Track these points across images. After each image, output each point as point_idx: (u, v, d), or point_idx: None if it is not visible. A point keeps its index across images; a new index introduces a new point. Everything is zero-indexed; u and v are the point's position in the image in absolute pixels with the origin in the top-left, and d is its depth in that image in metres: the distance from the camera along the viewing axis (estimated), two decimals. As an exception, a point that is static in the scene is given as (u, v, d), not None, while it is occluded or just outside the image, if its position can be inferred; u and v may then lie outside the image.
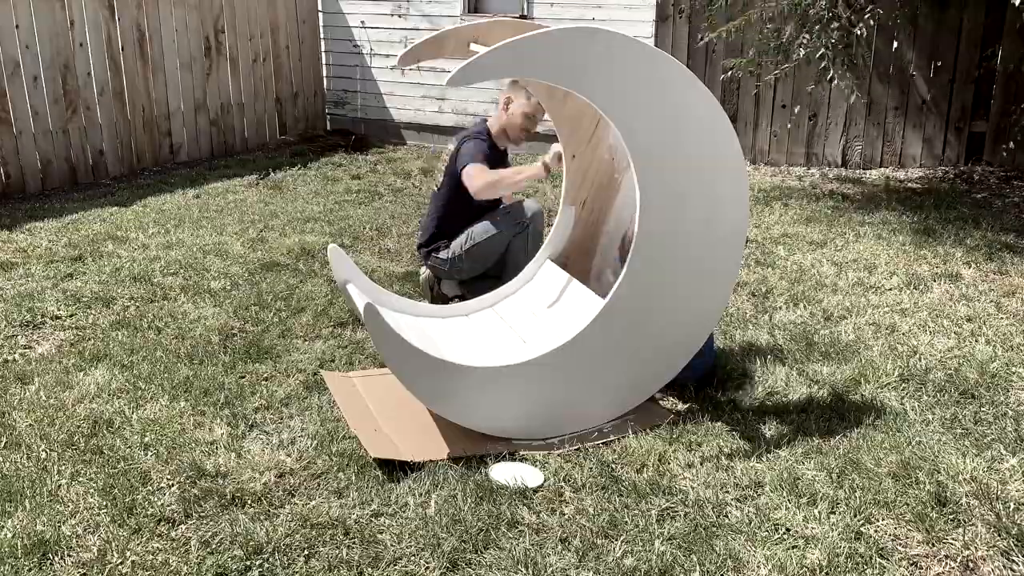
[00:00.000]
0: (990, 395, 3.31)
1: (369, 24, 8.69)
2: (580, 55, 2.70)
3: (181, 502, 2.63)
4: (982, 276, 4.60)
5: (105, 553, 2.40)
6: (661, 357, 3.15)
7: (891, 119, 7.15)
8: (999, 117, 6.82)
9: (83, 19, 6.73)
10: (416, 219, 5.84)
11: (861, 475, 2.75)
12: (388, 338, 2.84)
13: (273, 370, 3.54)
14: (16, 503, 2.62)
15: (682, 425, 3.07)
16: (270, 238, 5.36)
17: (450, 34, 3.35)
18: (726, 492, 2.71)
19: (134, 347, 3.74)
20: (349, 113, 9.09)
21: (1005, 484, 2.70)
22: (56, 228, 5.52)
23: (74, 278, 4.61)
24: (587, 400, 3.08)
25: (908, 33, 6.87)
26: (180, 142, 7.69)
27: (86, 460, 2.86)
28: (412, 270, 4.79)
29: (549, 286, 3.63)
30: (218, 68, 7.94)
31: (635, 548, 2.44)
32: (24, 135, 6.42)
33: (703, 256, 3.03)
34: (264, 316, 4.08)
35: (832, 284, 4.53)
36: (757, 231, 5.47)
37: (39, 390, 3.35)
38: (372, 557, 2.41)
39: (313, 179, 7.11)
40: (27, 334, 3.93)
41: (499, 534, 2.50)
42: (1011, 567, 2.36)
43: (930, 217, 5.68)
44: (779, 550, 2.42)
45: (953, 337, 3.85)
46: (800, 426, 3.08)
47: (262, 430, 3.10)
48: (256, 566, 2.36)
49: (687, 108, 2.87)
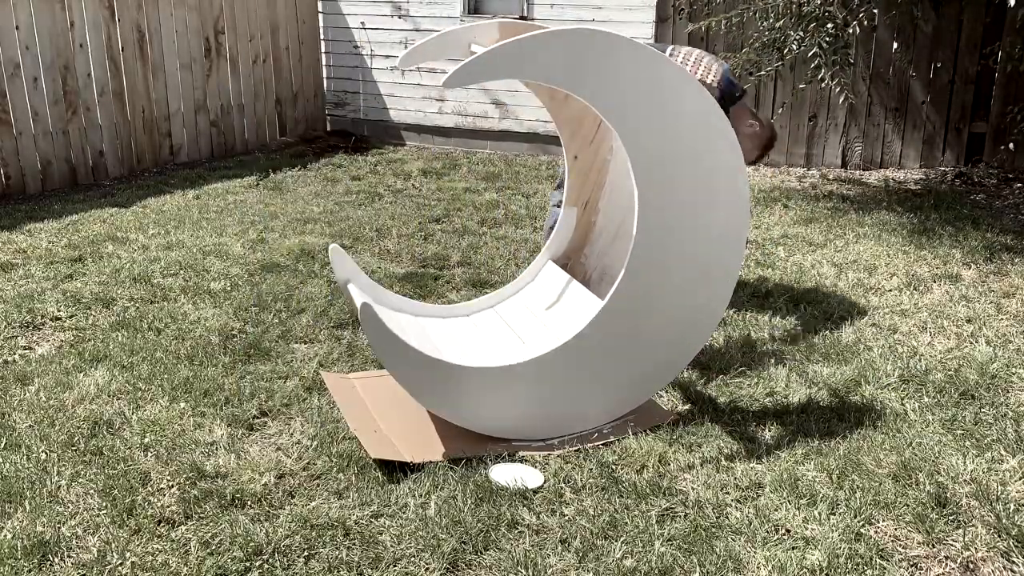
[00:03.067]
0: (990, 396, 3.31)
1: (369, 25, 8.69)
2: (579, 56, 2.70)
3: (181, 503, 2.63)
4: (982, 277, 4.60)
5: (105, 554, 2.40)
6: (661, 358, 3.15)
7: (891, 120, 7.15)
8: (999, 118, 6.82)
9: (83, 20, 6.73)
10: (416, 220, 5.84)
11: (861, 476, 2.75)
12: (384, 338, 2.84)
13: (273, 371, 3.54)
14: (16, 504, 2.62)
15: (682, 426, 3.07)
16: (270, 239, 5.36)
17: (450, 35, 3.35)
18: (726, 493, 2.71)
19: (134, 348, 3.74)
20: (349, 114, 9.09)
21: (1005, 485, 2.71)
22: (56, 229, 5.52)
23: (74, 279, 4.61)
24: (587, 401, 3.08)
25: (907, 33, 6.87)
26: (180, 143, 7.69)
27: (86, 461, 2.86)
28: (412, 271, 4.79)
29: (550, 287, 3.63)
30: (218, 69, 7.94)
31: (635, 549, 2.44)
32: (24, 136, 6.42)
33: (703, 257, 3.03)
34: (264, 317, 4.08)
35: (832, 285, 4.53)
36: (757, 232, 5.47)
37: (39, 391, 3.35)
38: (372, 558, 2.41)
39: (313, 180, 7.11)
40: (27, 335, 3.93)
41: (499, 535, 2.50)
42: (1011, 568, 2.36)
43: (930, 218, 5.69)
44: (779, 551, 2.42)
45: (953, 338, 3.85)
46: (800, 427, 3.08)
47: (262, 431, 3.10)
48: (256, 567, 2.36)
49: (686, 109, 2.87)
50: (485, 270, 4.82)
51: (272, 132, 8.62)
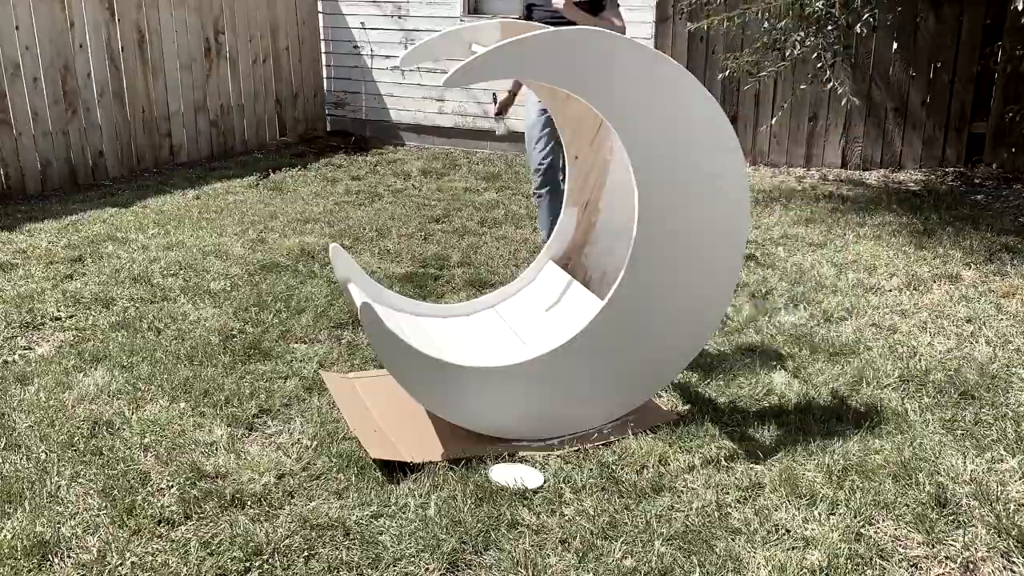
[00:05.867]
0: (990, 396, 3.31)
1: (369, 25, 8.69)
2: (579, 56, 2.70)
3: (181, 503, 2.63)
4: (982, 277, 4.60)
5: (105, 554, 2.40)
6: (661, 358, 3.15)
7: (891, 120, 7.15)
8: (999, 118, 6.82)
9: (83, 20, 6.72)
10: (416, 219, 5.84)
11: (861, 476, 2.75)
12: (384, 338, 2.84)
13: (273, 371, 3.54)
14: (16, 504, 2.62)
15: (682, 426, 3.07)
16: (270, 239, 5.36)
17: (451, 35, 3.35)
18: (726, 493, 2.71)
19: (134, 348, 3.74)
20: (349, 114, 9.09)
21: (1005, 485, 2.70)
22: (56, 229, 5.52)
23: (74, 279, 4.61)
24: (587, 401, 3.07)
25: (907, 33, 6.87)
26: (180, 143, 7.68)
27: (86, 461, 2.86)
28: (412, 271, 4.79)
29: (551, 287, 3.63)
30: (218, 69, 7.94)
31: (635, 549, 2.44)
32: (24, 136, 6.41)
33: (703, 257, 3.03)
34: (264, 317, 4.08)
35: (832, 285, 4.53)
36: (757, 232, 5.47)
37: (39, 391, 3.35)
38: (372, 558, 2.41)
39: (313, 180, 7.11)
40: (27, 335, 3.93)
41: (499, 535, 2.50)
42: (1011, 568, 2.36)
43: (930, 218, 5.68)
44: (779, 551, 2.42)
45: (953, 338, 3.85)
46: (800, 427, 3.08)
47: (262, 431, 3.10)
48: (256, 567, 2.36)
49: (686, 109, 2.87)
50: (485, 270, 4.82)
51: (272, 132, 8.61)
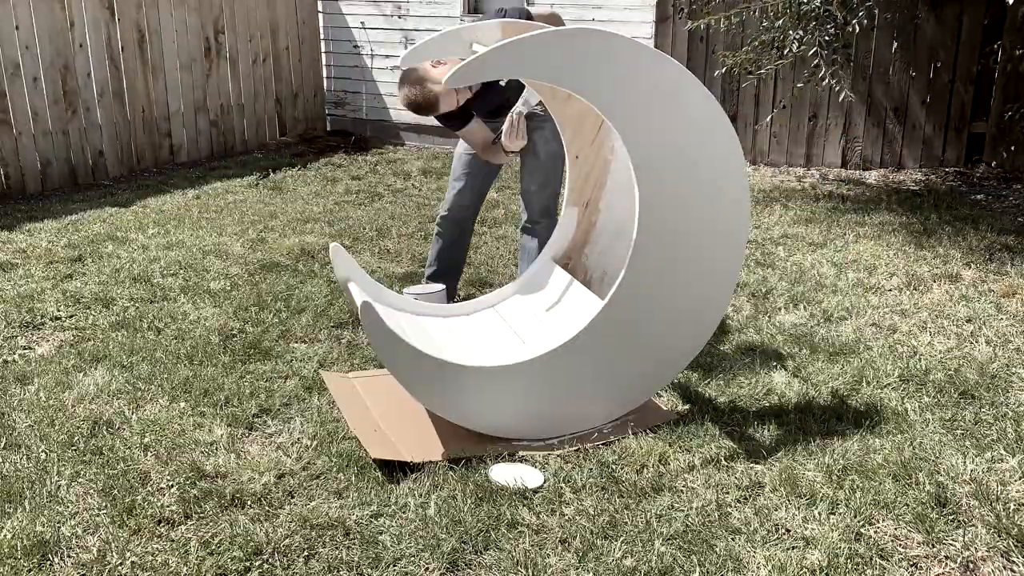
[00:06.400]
0: (990, 396, 3.31)
1: (369, 25, 8.69)
2: (579, 56, 2.70)
3: (181, 503, 2.63)
4: (982, 277, 4.60)
5: (105, 554, 2.40)
6: (661, 358, 3.15)
7: (891, 120, 7.15)
8: (999, 118, 6.82)
9: (83, 20, 6.73)
10: (416, 219, 5.84)
11: (861, 476, 2.74)
12: (384, 337, 2.84)
13: (273, 371, 3.54)
14: (16, 504, 2.62)
15: (682, 426, 3.07)
16: (270, 239, 5.36)
17: (452, 35, 3.34)
18: (726, 493, 2.71)
19: (134, 348, 3.74)
20: (349, 114, 9.09)
21: (1005, 485, 2.70)
22: (56, 229, 5.52)
23: (74, 279, 4.61)
24: (587, 401, 3.07)
25: (907, 33, 6.87)
26: (180, 143, 7.68)
27: (86, 461, 2.86)
28: (412, 270, 4.79)
29: (551, 287, 3.63)
30: (218, 69, 7.94)
31: (635, 549, 2.44)
32: (24, 136, 6.42)
33: (703, 257, 3.03)
34: (264, 317, 4.08)
35: (832, 285, 4.53)
36: (757, 232, 5.47)
37: (39, 391, 3.35)
38: (372, 558, 2.41)
39: (313, 180, 7.11)
40: (27, 335, 3.93)
41: (499, 535, 2.50)
42: (1011, 568, 2.36)
43: (930, 218, 5.68)
44: (779, 551, 2.42)
45: (953, 338, 3.85)
46: (800, 426, 3.08)
47: (262, 431, 3.10)
48: (256, 567, 2.36)
49: (686, 109, 2.87)
50: (485, 270, 4.82)
51: (272, 132, 8.61)
